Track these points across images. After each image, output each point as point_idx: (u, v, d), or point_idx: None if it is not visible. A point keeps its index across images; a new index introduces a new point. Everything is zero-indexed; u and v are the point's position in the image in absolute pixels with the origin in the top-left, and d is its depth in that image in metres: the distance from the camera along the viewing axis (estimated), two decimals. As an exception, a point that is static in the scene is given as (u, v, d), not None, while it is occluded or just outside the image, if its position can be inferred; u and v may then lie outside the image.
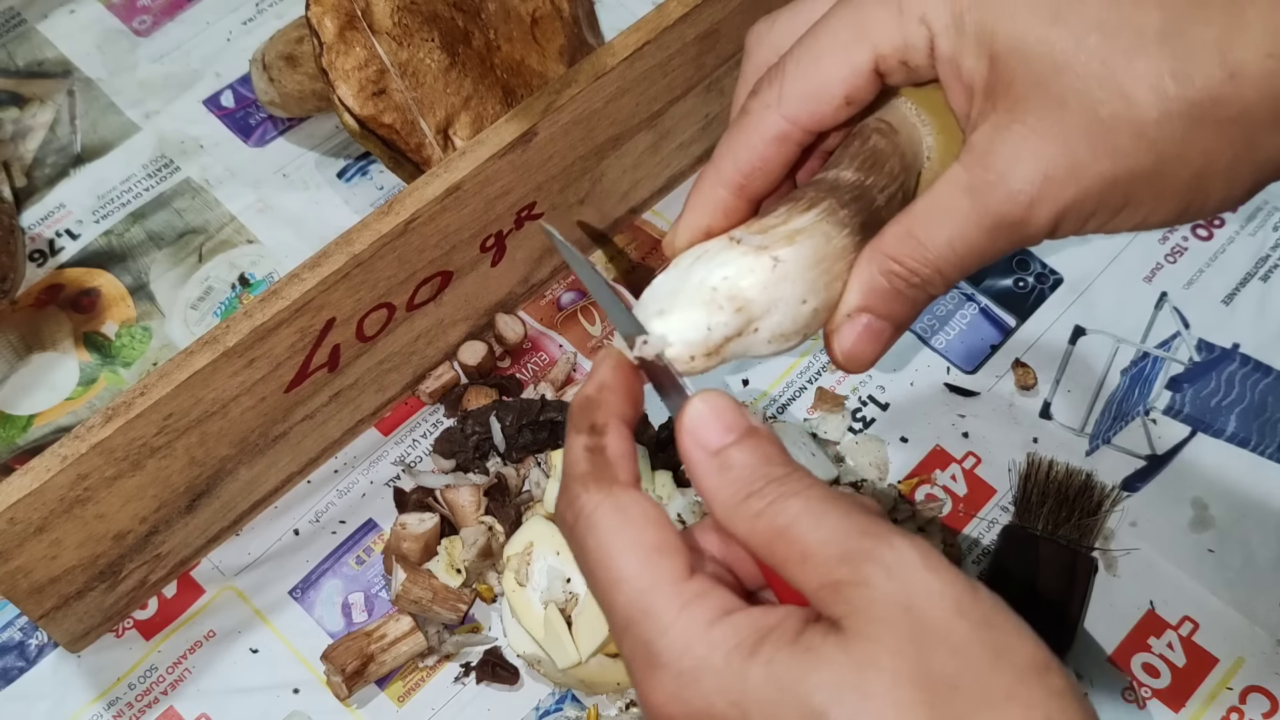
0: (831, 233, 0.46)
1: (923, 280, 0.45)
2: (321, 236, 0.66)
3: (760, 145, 0.48)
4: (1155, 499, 0.73)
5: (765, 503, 0.39)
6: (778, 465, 0.40)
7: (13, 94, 0.88)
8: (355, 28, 0.70)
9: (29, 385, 0.78)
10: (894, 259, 0.45)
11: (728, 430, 0.41)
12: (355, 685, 0.66)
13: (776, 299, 0.45)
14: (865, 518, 0.38)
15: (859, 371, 0.47)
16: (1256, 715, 0.67)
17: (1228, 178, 0.43)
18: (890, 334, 0.47)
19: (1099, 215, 0.44)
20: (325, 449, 0.74)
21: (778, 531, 0.38)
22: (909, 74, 0.47)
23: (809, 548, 0.38)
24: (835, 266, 0.46)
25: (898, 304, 0.46)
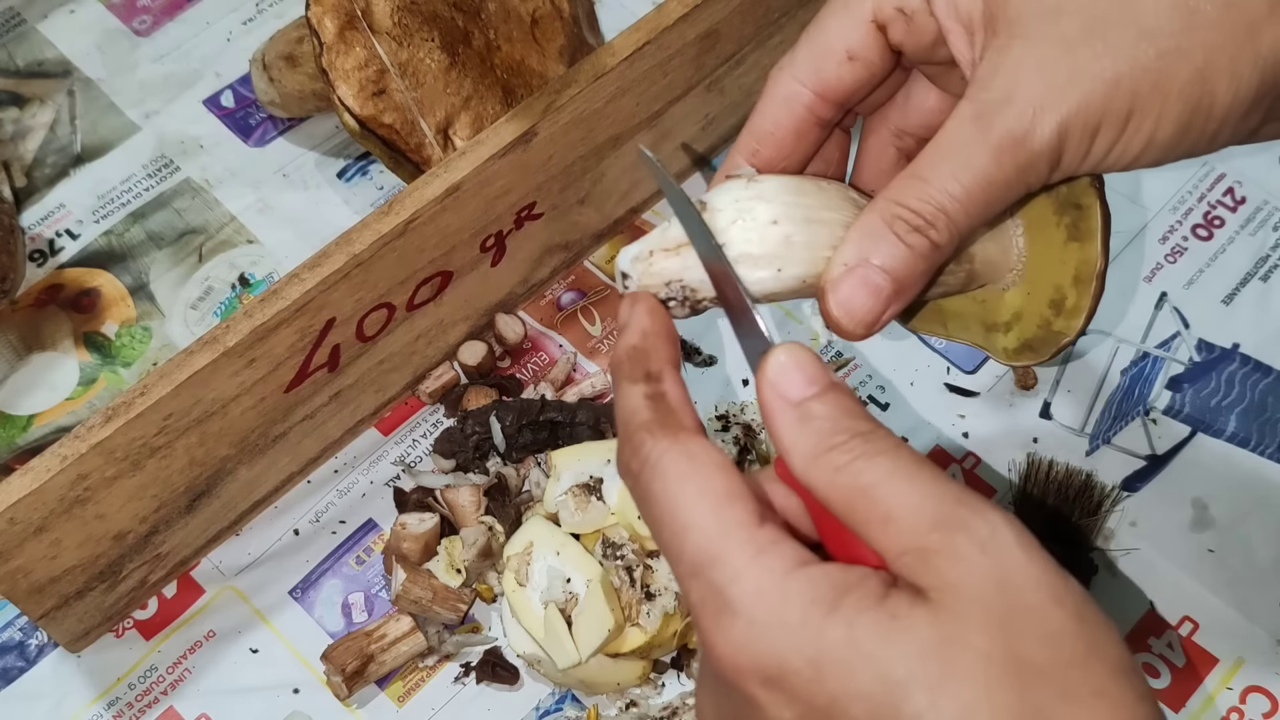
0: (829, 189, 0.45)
1: (927, 220, 0.43)
2: (321, 236, 0.66)
3: (771, 108, 0.48)
4: (1155, 499, 0.73)
5: (849, 457, 0.37)
6: (862, 419, 0.38)
7: (13, 94, 0.88)
8: (355, 28, 0.70)
9: (29, 385, 0.78)
10: (896, 201, 0.43)
11: (810, 382, 0.39)
12: (355, 685, 0.66)
13: (744, 211, 0.44)
14: (958, 487, 0.36)
15: (856, 335, 0.44)
16: (1256, 715, 0.67)
17: (1231, 72, 0.42)
18: (890, 292, 0.43)
19: (1106, 129, 0.43)
20: (325, 449, 0.74)
21: (861, 489, 0.37)
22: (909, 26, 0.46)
23: (895, 509, 0.36)
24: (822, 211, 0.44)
25: (900, 253, 0.43)
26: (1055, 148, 0.43)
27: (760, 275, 0.44)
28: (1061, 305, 0.49)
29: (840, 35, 0.47)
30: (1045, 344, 0.50)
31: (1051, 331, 0.50)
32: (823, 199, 0.45)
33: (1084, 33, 0.42)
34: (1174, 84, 0.42)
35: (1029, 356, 0.50)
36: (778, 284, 0.44)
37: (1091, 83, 0.42)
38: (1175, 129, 0.43)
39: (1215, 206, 0.82)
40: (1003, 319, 0.51)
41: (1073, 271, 0.48)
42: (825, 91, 0.48)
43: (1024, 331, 0.50)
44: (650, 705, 0.66)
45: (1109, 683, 0.34)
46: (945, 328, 0.53)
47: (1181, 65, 0.42)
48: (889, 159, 0.52)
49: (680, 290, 0.45)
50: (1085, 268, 0.48)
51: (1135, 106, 0.43)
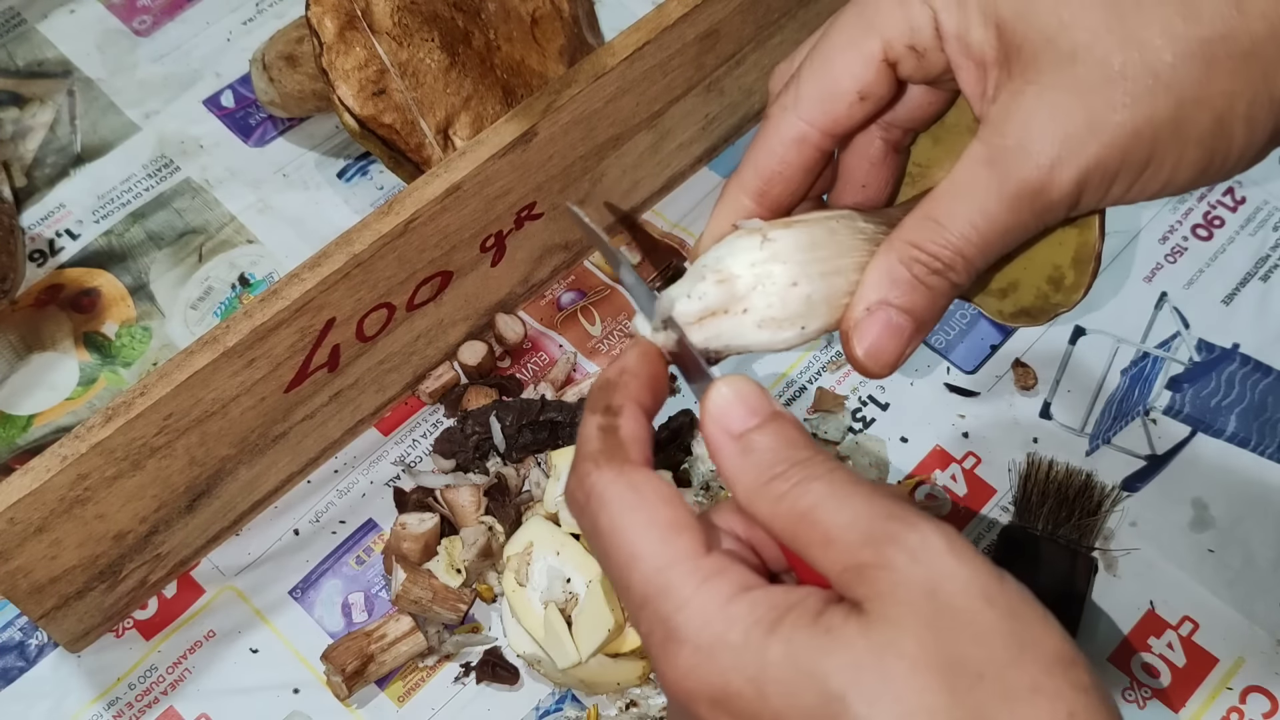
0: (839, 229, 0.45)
1: (945, 264, 0.44)
2: (321, 236, 0.66)
3: (779, 149, 0.47)
4: (1155, 499, 0.73)
5: (788, 485, 0.38)
6: (801, 448, 0.39)
7: (13, 94, 0.88)
8: (355, 28, 0.70)
9: (29, 385, 0.78)
10: (913, 244, 0.44)
11: (751, 414, 0.40)
12: (355, 685, 0.66)
13: (762, 277, 0.44)
14: (889, 501, 0.37)
15: (880, 375, 0.45)
16: (1256, 715, 0.67)
17: (1248, 118, 0.42)
18: (911, 330, 0.44)
19: (1124, 175, 0.43)
20: (325, 449, 0.74)
21: (800, 514, 0.38)
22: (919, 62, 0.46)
23: (831, 531, 0.37)
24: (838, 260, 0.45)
25: (919, 295, 0.44)
26: (1073, 196, 0.43)
27: (785, 335, 0.45)
28: (1060, 282, 0.50)
29: (850, 75, 0.46)
30: (1042, 312, 0.51)
31: (1050, 303, 0.51)
32: (836, 246, 0.45)
33: (1102, 81, 0.42)
34: (1193, 133, 0.42)
35: (1025, 321, 0.52)
36: (801, 339, 0.45)
37: (1111, 134, 0.42)
38: (1193, 172, 0.43)
39: (1215, 206, 0.82)
40: (998, 286, 0.52)
41: (1072, 253, 0.49)
42: (834, 130, 0.47)
43: (1020, 300, 0.52)
44: (650, 705, 0.66)
45: (1044, 678, 0.35)
46: None
47: (1201, 115, 0.42)
48: (876, 152, 0.52)
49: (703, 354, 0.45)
50: (1084, 250, 0.49)
51: (1154, 155, 0.43)
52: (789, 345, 0.45)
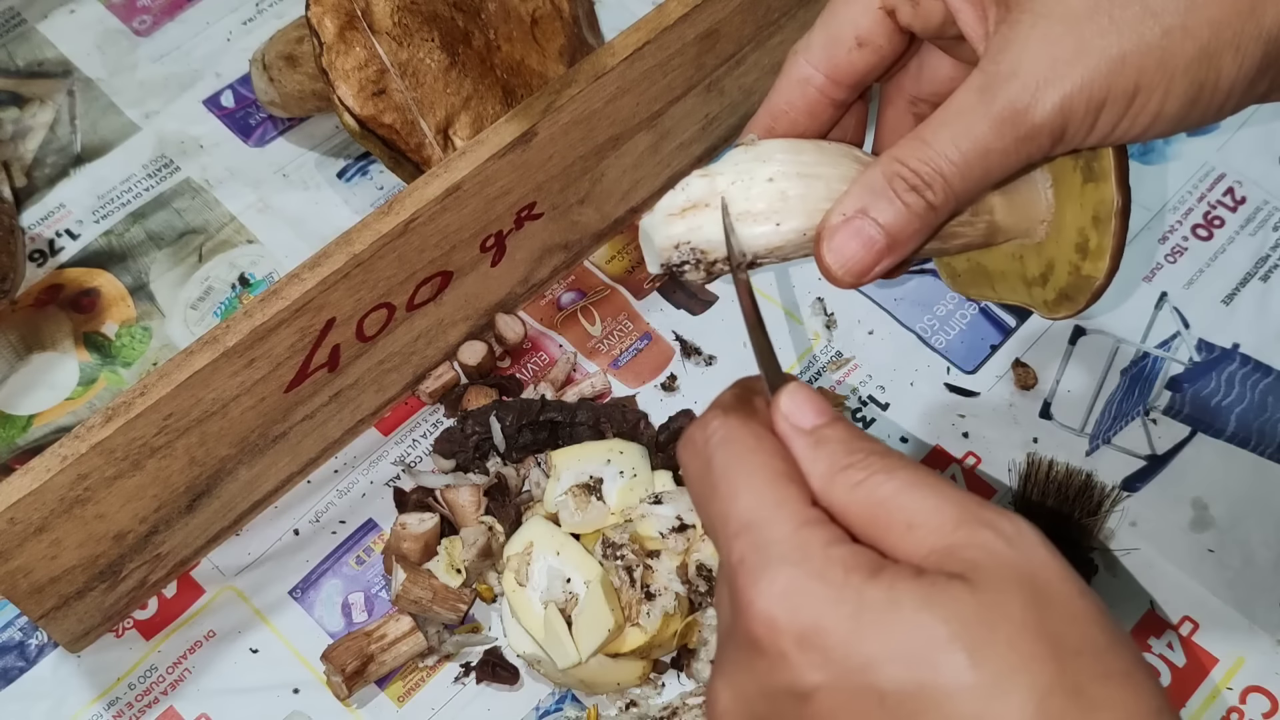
0: (829, 148, 0.48)
1: (924, 181, 0.44)
2: (321, 236, 0.66)
3: (785, 89, 0.50)
4: (1155, 499, 0.73)
5: (866, 473, 0.38)
6: (873, 441, 0.40)
7: (13, 94, 0.88)
8: (355, 28, 0.70)
9: (29, 385, 0.78)
10: (897, 159, 0.45)
11: (819, 413, 0.40)
12: (355, 685, 0.66)
13: (743, 173, 0.46)
14: (975, 496, 0.38)
15: (846, 283, 0.46)
16: (1256, 715, 0.67)
17: (1235, 48, 0.43)
18: (884, 246, 0.45)
19: (1111, 105, 0.43)
20: (325, 449, 0.74)
21: (880, 501, 0.38)
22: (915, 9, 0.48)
23: (917, 516, 0.37)
24: (819, 167, 0.46)
25: (895, 210, 0.45)
26: (1057, 122, 0.44)
27: (760, 230, 0.46)
28: (1086, 248, 0.51)
29: (850, 21, 0.49)
30: (1079, 290, 0.52)
31: (1081, 277, 0.51)
32: (821, 156, 0.48)
33: (1090, 9, 0.43)
34: (1179, 61, 0.43)
35: (1067, 307, 0.52)
36: (778, 238, 0.46)
37: (1097, 59, 0.43)
38: (1182, 104, 0.44)
39: (1215, 206, 0.82)
40: (1038, 271, 0.53)
41: (1091, 212, 0.50)
42: (836, 75, 0.50)
43: (1058, 281, 0.52)
44: (650, 705, 0.66)
45: (1135, 668, 0.35)
46: (994, 290, 0.55)
47: (1187, 43, 0.43)
48: (907, 126, 0.54)
49: (690, 253, 0.47)
50: (1103, 207, 0.49)
51: (1141, 83, 0.43)
52: (768, 244, 0.46)
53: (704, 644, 0.66)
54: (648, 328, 0.79)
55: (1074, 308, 0.52)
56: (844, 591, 0.36)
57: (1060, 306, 0.52)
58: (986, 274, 0.55)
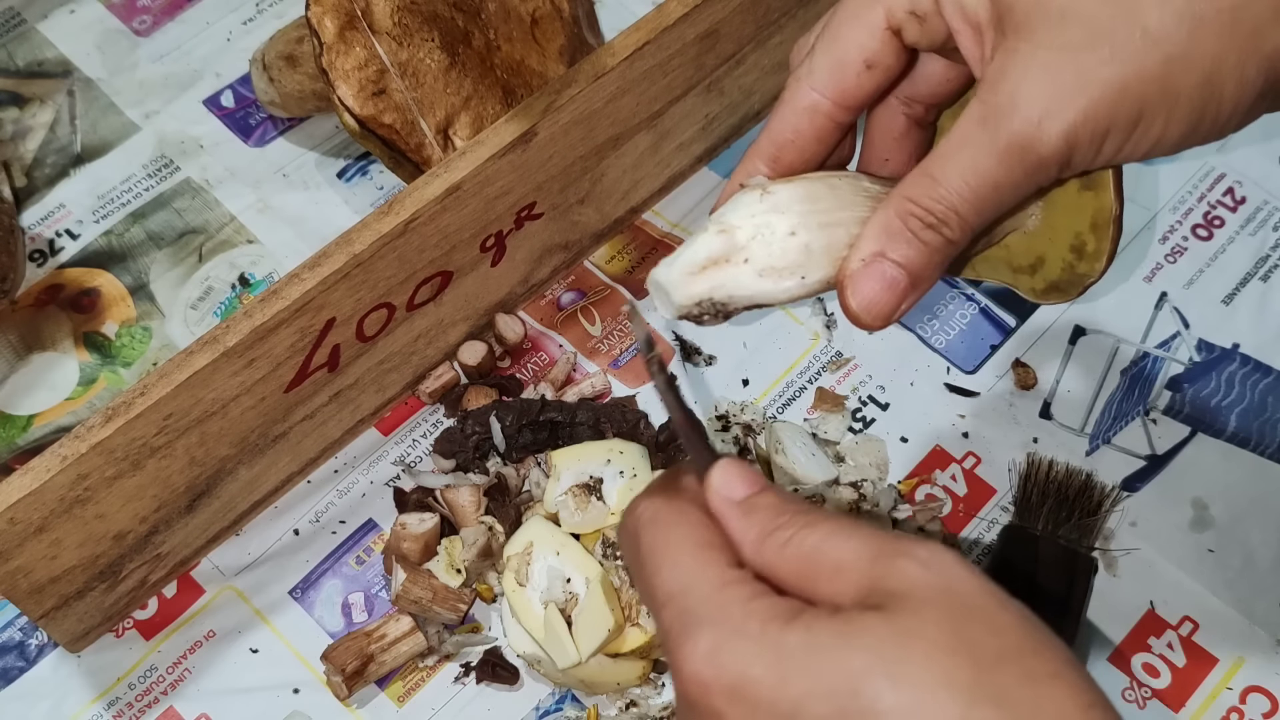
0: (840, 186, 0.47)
1: (939, 219, 0.44)
2: (321, 236, 0.66)
3: (792, 118, 0.49)
4: (1155, 499, 0.73)
5: (792, 531, 0.39)
6: (798, 502, 0.41)
7: (13, 94, 0.88)
8: (355, 28, 0.70)
9: (29, 385, 0.78)
10: (909, 199, 0.45)
11: (749, 485, 0.42)
12: (355, 685, 0.66)
13: (762, 227, 0.46)
14: (895, 533, 0.39)
15: (874, 327, 0.46)
16: (1256, 715, 0.67)
17: (1238, 76, 0.43)
18: (906, 285, 0.45)
19: (1115, 133, 0.43)
20: (325, 449, 0.74)
21: (806, 553, 0.39)
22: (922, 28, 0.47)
23: (842, 559, 0.38)
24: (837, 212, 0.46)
25: (914, 250, 0.45)
26: (1063, 152, 0.44)
27: (787, 285, 0.46)
28: (1082, 250, 0.51)
29: (856, 45, 0.48)
30: (1071, 285, 0.52)
31: (1076, 274, 0.52)
32: (836, 200, 0.47)
33: (1090, 38, 0.43)
34: (1182, 88, 0.43)
35: (1056, 296, 0.53)
36: (803, 290, 0.46)
37: (1100, 89, 0.43)
38: (1184, 129, 0.44)
39: (1215, 206, 0.82)
40: (1026, 262, 0.53)
41: (1089, 219, 0.50)
42: (844, 100, 0.49)
43: (1049, 274, 0.53)
44: (650, 705, 0.66)
45: (1065, 668, 0.36)
46: (975, 270, 0.55)
47: (1188, 71, 0.43)
48: (899, 126, 0.53)
49: (711, 306, 0.47)
50: (1101, 214, 0.50)
51: (1144, 111, 0.43)
52: (791, 296, 0.46)
53: (704, 644, 0.66)
54: (648, 328, 0.79)
55: (1064, 298, 0.53)
56: (763, 642, 0.37)
57: (1050, 295, 0.53)
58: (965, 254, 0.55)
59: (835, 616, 0.36)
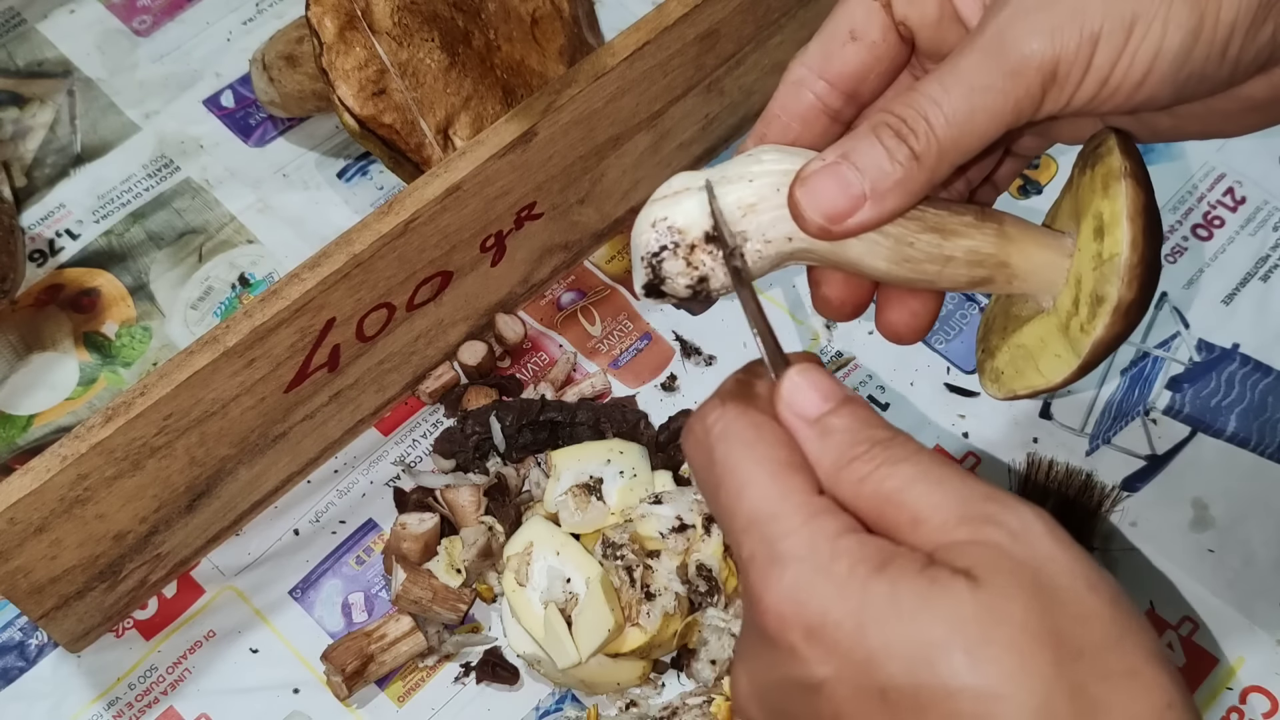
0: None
1: (909, 126, 0.43)
2: (321, 236, 0.66)
3: (781, 92, 0.49)
4: (1155, 499, 0.73)
5: (871, 466, 0.38)
6: (880, 429, 0.39)
7: (13, 94, 0.88)
8: (355, 28, 0.70)
9: (29, 385, 0.78)
10: (885, 108, 0.43)
11: (825, 399, 0.40)
12: (355, 685, 0.66)
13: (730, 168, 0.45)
14: (986, 485, 0.37)
15: (814, 224, 0.43)
16: (1256, 715, 0.67)
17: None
18: (860, 190, 0.43)
19: (1106, 40, 0.42)
20: (325, 449, 0.74)
21: (886, 495, 0.37)
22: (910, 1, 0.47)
23: (922, 511, 0.37)
24: None
25: (876, 155, 0.43)
26: (1048, 54, 0.42)
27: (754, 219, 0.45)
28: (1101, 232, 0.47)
29: (846, 15, 0.48)
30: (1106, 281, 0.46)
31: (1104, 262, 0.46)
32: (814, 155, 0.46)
33: None
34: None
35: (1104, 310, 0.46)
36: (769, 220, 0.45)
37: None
38: (1183, 36, 0.42)
39: (1215, 206, 0.82)
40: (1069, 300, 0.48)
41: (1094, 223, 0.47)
42: (830, 75, 0.48)
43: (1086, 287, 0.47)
44: (650, 705, 0.66)
45: (1142, 664, 0.35)
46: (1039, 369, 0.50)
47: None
48: None
49: (668, 233, 0.45)
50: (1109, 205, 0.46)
51: (1139, 11, 0.41)
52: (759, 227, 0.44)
53: (704, 644, 0.66)
54: (648, 328, 0.79)
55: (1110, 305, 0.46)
56: (849, 585, 0.36)
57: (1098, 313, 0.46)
58: (1028, 352, 0.50)
59: (923, 575, 0.35)
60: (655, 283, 0.45)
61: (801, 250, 0.45)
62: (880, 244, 0.45)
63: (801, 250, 0.45)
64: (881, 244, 0.45)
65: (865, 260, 0.45)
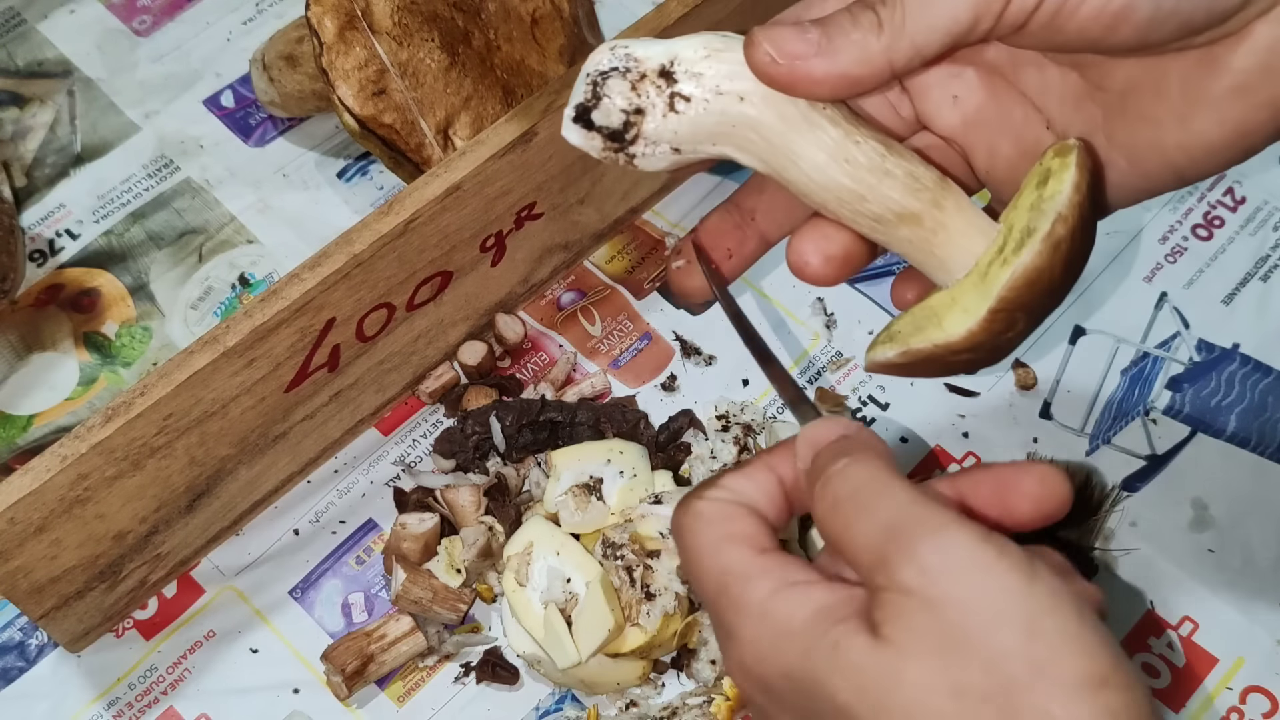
0: None
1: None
2: (321, 236, 0.66)
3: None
4: (1155, 499, 0.73)
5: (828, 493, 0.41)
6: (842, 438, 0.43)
7: (13, 94, 0.88)
8: (355, 28, 0.70)
9: (29, 385, 0.78)
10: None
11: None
12: (355, 685, 0.66)
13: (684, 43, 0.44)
14: (910, 506, 0.38)
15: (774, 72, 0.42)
16: (1256, 715, 0.67)
17: None
18: (818, 42, 0.42)
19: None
20: (325, 449, 0.74)
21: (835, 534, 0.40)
22: None
23: (849, 546, 0.39)
24: None
25: (840, 19, 0.42)
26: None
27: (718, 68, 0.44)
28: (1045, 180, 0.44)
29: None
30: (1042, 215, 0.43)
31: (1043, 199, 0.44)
32: None
33: None
34: None
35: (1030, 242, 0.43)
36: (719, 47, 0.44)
37: None
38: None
39: (1215, 206, 0.82)
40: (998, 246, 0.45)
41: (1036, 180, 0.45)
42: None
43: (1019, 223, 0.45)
44: (650, 705, 0.66)
45: (1055, 704, 0.34)
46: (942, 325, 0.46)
47: None
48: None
49: (624, 59, 0.43)
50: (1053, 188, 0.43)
51: None
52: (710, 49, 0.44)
53: (704, 644, 0.66)
54: (648, 328, 0.79)
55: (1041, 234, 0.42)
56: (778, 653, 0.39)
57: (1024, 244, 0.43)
58: (932, 311, 0.46)
59: (826, 636, 0.38)
60: (590, 103, 0.43)
61: (747, 121, 0.43)
62: (827, 131, 0.43)
63: (747, 121, 0.43)
64: (828, 132, 0.43)
65: (806, 149, 0.43)
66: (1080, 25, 0.42)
